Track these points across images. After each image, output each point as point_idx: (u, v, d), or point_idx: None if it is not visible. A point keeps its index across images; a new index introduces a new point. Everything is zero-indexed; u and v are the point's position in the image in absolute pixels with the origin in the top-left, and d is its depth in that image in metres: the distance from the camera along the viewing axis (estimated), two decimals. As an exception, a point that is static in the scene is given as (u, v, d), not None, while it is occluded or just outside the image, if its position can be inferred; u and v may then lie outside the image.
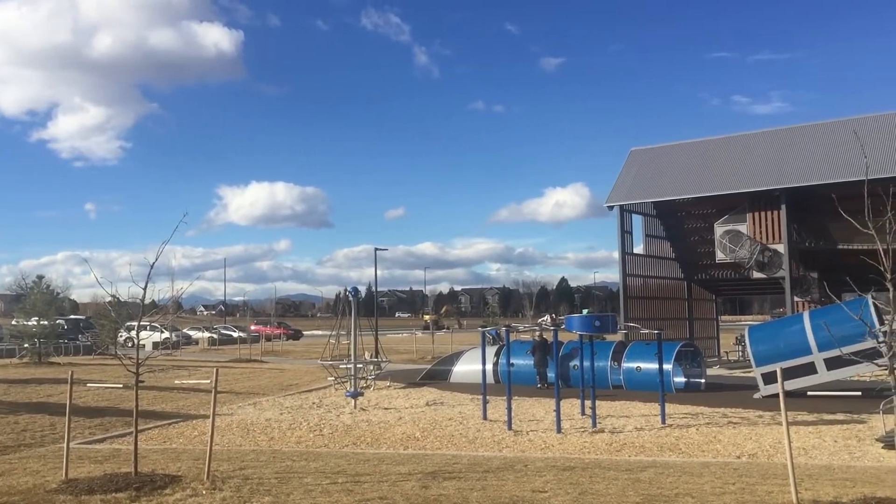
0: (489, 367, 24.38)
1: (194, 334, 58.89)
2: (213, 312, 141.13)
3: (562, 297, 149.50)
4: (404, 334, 70.18)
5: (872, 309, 17.24)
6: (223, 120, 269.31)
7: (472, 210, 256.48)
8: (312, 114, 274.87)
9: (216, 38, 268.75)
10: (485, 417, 17.07)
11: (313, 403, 20.41)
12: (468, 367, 25.54)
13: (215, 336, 57.19)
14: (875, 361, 11.24)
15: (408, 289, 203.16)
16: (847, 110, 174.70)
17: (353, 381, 20.27)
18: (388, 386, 24.53)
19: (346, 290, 22.63)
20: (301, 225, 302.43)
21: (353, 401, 19.56)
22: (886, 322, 9.20)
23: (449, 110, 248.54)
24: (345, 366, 21.75)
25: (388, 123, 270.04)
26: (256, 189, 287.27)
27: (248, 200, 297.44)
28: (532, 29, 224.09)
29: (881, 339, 9.30)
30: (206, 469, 9.58)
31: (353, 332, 21.09)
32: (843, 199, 13.13)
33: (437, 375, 26.58)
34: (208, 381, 10.58)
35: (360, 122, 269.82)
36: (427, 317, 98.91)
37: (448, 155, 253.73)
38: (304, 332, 72.95)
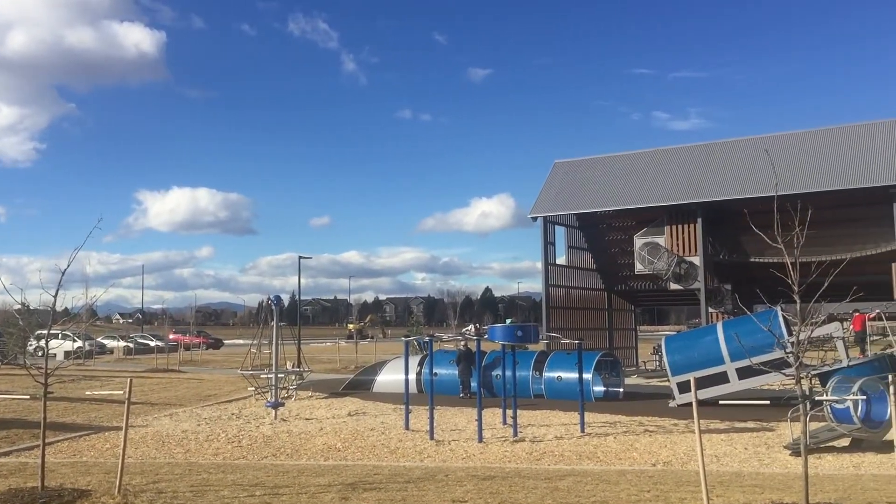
0: (412, 376, 24.36)
1: (109, 343, 56.93)
2: (130, 321, 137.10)
3: (486, 307, 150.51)
4: (328, 343, 69.47)
5: (781, 320, 17.92)
6: (144, 123, 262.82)
7: (399, 219, 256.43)
8: (237, 119, 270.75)
9: (137, 38, 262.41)
10: (407, 427, 17.03)
11: (232, 414, 20.00)
12: (391, 377, 25.47)
13: (131, 345, 55.44)
14: (783, 371, 11.69)
15: (332, 297, 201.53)
16: (760, 128, 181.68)
17: (273, 391, 19.95)
18: (310, 396, 24.24)
19: (268, 298, 22.26)
20: (224, 232, 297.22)
21: (273, 411, 19.24)
22: (794, 333, 9.57)
23: (376, 118, 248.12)
24: (266, 375, 21.40)
25: (315, 130, 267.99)
26: (178, 194, 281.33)
27: (168, 206, 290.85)
28: (460, 40, 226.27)
29: (788, 349, 9.66)
30: (118, 483, 9.28)
31: (274, 342, 20.77)
32: (755, 213, 13.66)
33: (359, 385, 26.40)
34: (122, 392, 10.25)
35: (286, 128, 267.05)
36: (351, 326, 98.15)
37: (375, 163, 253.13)
38: (225, 341, 71.47)
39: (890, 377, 12.25)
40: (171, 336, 60.62)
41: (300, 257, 38.79)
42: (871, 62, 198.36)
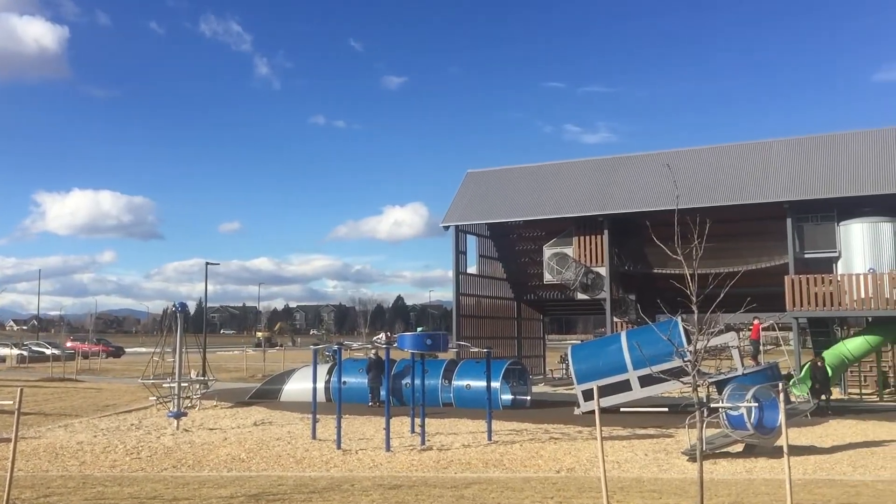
0: (321, 385, 24.12)
1: (1, 351, 54.26)
2: (25, 328, 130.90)
3: (398, 316, 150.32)
4: (235, 351, 67.98)
5: (681, 330, 18.50)
6: (43, 121, 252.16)
7: (311, 226, 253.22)
8: (143, 120, 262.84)
9: (38, 33, 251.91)
10: (314, 437, 16.81)
11: (132, 425, 19.33)
12: (299, 386, 25.12)
13: (25, 353, 52.95)
14: (681, 379, 12.08)
15: (241, 305, 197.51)
16: (664, 143, 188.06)
17: (176, 400, 19.39)
18: (215, 405, 23.66)
19: (173, 305, 21.65)
20: (128, 236, 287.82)
21: (175, 421, 18.69)
22: (692, 342, 9.90)
23: (289, 123, 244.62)
24: (168, 385, 20.78)
25: (226, 134, 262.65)
26: (79, 196, 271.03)
27: (68, 208, 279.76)
28: (376, 47, 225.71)
29: (686, 358, 10.00)
30: (6, 497, 8.84)
31: (177, 350, 20.20)
32: (658, 226, 14.09)
33: (266, 394, 25.93)
34: (11, 402, 9.79)
35: (196, 131, 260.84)
36: (260, 334, 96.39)
37: (287, 169, 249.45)
38: (127, 349, 69.08)
39: (779, 385, 12.82)
40: (69, 344, 58.20)
41: (207, 263, 37.89)
42: (767, 82, 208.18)
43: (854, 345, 24.70)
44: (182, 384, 20.00)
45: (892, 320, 24.90)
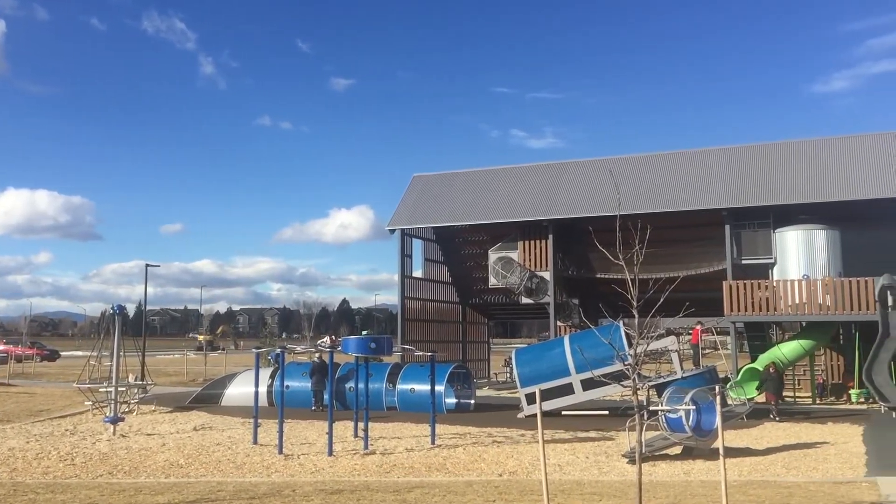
0: (263, 389, 23.85)
1: (-72, 354, 52.27)
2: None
3: (343, 319, 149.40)
4: (175, 355, 66.71)
5: (623, 334, 18.79)
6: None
7: (255, 228, 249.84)
8: (82, 118, 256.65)
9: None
10: (255, 442, 16.60)
11: (66, 430, 18.82)
12: (241, 390, 24.79)
13: (-46, 356, 51.10)
14: (622, 383, 12.26)
15: (182, 307, 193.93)
16: (609, 150, 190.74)
17: (113, 405, 18.94)
18: (153, 410, 23.19)
19: (111, 307, 21.15)
20: (65, 236, 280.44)
21: (111, 427, 18.26)
22: (632, 346, 10.06)
23: (234, 124, 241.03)
24: (105, 389, 20.29)
25: (168, 133, 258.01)
26: (13, 196, 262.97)
27: (3, 208, 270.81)
28: (324, 48, 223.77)
29: (627, 361, 10.15)
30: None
31: (114, 353, 19.73)
32: (601, 231, 14.25)
33: (207, 399, 25.52)
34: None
35: (136, 129, 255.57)
36: (201, 337, 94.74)
37: (231, 170, 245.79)
38: (62, 353, 67.17)
39: (716, 388, 13.09)
40: (1, 347, 56.36)
41: (148, 265, 37.18)
42: (710, 92, 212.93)
43: (788, 349, 25.39)
44: (119, 388, 19.55)
45: (824, 325, 25.68)
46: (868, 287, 23.62)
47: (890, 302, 22.75)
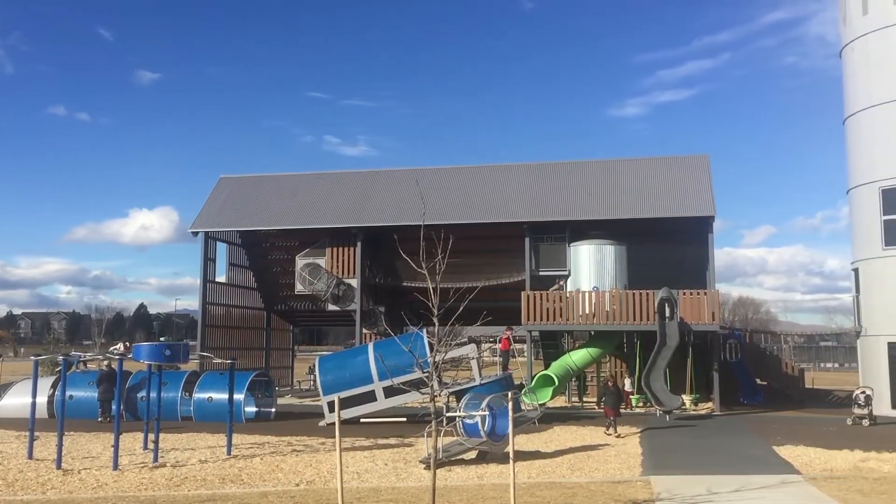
0: (43, 399, 22.16)
1: None
2: None
3: (140, 324, 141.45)
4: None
5: (426, 342, 19.12)
6: None
7: (43, 226, 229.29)
8: None
9: None
10: (30, 456, 15.31)
11: None
12: (18, 401, 22.77)
13: None
14: (420, 390, 12.50)
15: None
16: (422, 161, 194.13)
17: None
18: (-90, 424, 20.78)
19: None
20: None
21: None
22: (431, 355, 10.28)
23: (23, 112, 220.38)
24: None
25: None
26: None
27: None
28: (129, 38, 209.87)
29: (426, 369, 10.35)
30: None
31: None
32: (407, 240, 14.45)
33: (-23, 411, 23.22)
34: None
35: None
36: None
37: (16, 161, 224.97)
38: None
39: (510, 394, 13.65)
40: None
41: None
42: (519, 110, 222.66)
43: (578, 356, 26.96)
44: None
45: (611, 334, 27.54)
46: (649, 299, 25.61)
47: (667, 313, 24.79)
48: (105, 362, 23.15)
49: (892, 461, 15.33)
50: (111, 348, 32.92)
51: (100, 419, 22.06)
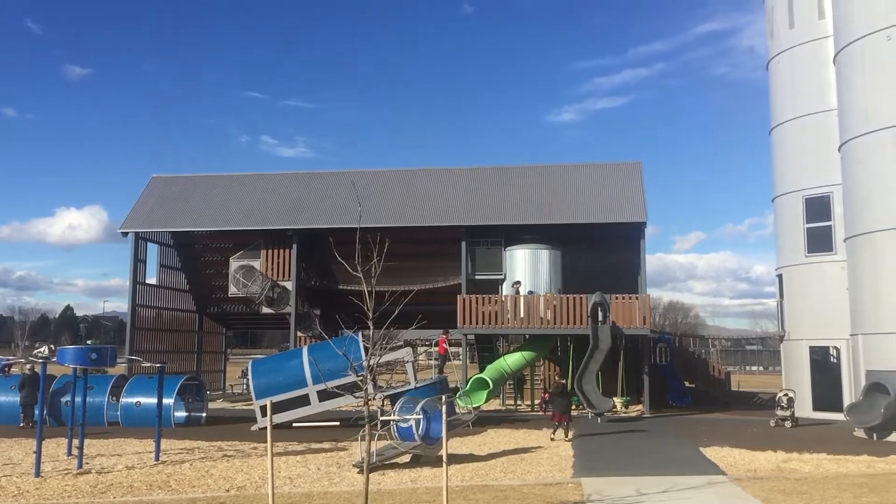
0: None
1: None
2: None
3: (66, 327, 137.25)
4: None
5: (361, 345, 19.04)
6: None
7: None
8: None
9: None
10: (-55, 465, 14.71)
11: None
12: (-68, 406, 21.89)
13: None
14: (354, 394, 12.44)
15: None
16: (360, 163, 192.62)
17: None
18: None
19: None
20: None
21: None
22: (366, 358, 10.24)
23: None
24: None
25: None
26: None
27: None
28: (58, 31, 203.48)
29: (360, 373, 10.31)
30: None
31: None
32: (343, 243, 14.44)
33: None
34: None
35: None
36: None
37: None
38: None
39: (443, 398, 13.68)
40: None
41: None
42: (459, 114, 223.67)
43: (512, 360, 27.22)
44: None
45: (545, 338, 27.88)
46: (583, 303, 26.00)
47: (599, 317, 25.21)
48: (28, 366, 22.41)
49: (812, 462, 15.87)
50: (35, 351, 31.90)
51: (22, 424, 21.36)
